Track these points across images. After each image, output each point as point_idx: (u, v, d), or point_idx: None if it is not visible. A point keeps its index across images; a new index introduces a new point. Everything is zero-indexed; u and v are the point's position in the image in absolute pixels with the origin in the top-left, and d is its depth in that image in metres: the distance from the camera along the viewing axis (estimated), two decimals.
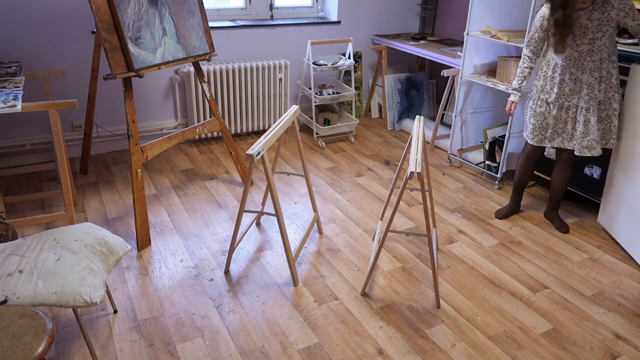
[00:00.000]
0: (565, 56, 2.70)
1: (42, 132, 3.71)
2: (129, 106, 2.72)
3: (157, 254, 2.79)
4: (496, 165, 3.68)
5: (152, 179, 3.63)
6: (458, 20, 4.52)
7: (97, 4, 2.56)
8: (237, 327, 2.28)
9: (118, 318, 2.32)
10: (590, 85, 2.70)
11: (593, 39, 2.60)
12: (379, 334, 2.27)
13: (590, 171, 3.21)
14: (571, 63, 2.70)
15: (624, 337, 2.30)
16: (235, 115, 4.24)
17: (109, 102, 3.86)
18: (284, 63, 4.25)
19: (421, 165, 2.16)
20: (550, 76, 2.79)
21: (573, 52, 2.66)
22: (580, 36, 2.61)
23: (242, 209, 2.51)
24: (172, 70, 4.01)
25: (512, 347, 2.22)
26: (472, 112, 3.90)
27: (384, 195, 3.49)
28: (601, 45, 2.62)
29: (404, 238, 3.00)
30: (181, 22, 3.01)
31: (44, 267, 1.86)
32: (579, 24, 2.59)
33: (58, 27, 3.53)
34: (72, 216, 2.82)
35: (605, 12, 2.56)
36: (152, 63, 2.80)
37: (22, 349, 1.50)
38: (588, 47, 2.63)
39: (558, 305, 2.48)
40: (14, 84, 2.77)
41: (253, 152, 2.27)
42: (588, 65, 2.67)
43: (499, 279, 2.66)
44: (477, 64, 3.75)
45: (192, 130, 3.21)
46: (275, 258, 2.78)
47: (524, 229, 3.13)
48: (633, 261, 2.82)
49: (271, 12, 4.40)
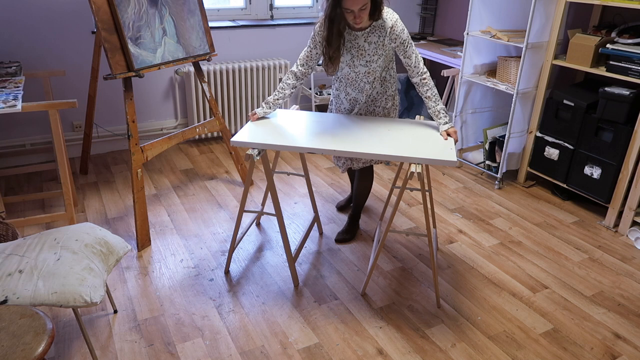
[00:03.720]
0: (343, 75, 2.57)
1: (42, 132, 3.71)
2: (129, 106, 2.72)
3: (157, 254, 2.79)
4: (496, 165, 3.68)
5: (152, 179, 3.63)
6: (458, 20, 4.52)
7: (97, 4, 2.56)
8: (237, 327, 2.28)
9: (118, 318, 2.32)
10: (367, 102, 2.61)
11: (369, 62, 2.46)
12: (379, 334, 2.27)
13: (590, 171, 3.21)
14: (348, 82, 2.58)
15: (624, 337, 2.30)
16: (235, 115, 4.24)
17: (109, 102, 3.86)
18: (284, 63, 4.25)
19: (421, 166, 2.16)
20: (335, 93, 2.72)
21: (350, 72, 2.53)
22: (358, 57, 2.46)
23: (242, 208, 2.51)
24: (172, 70, 4.01)
25: (512, 347, 2.22)
26: (472, 112, 3.90)
27: (384, 195, 3.49)
28: (376, 67, 2.48)
29: (404, 238, 3.00)
30: (181, 22, 3.01)
31: (44, 267, 1.86)
32: (356, 45, 2.44)
33: (58, 27, 3.53)
34: (72, 216, 2.82)
35: (380, 36, 2.39)
36: (152, 63, 2.80)
37: (22, 349, 1.50)
38: (365, 68, 2.49)
39: (558, 305, 2.48)
40: (14, 84, 2.77)
41: (254, 152, 2.27)
42: (364, 87, 2.55)
43: (499, 279, 2.66)
44: (477, 64, 3.75)
45: (192, 130, 3.21)
46: (275, 258, 2.78)
47: (524, 229, 3.13)
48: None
49: (271, 12, 4.39)
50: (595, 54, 3.05)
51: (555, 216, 3.29)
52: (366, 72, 2.50)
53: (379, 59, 2.46)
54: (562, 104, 3.29)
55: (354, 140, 2.33)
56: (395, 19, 2.37)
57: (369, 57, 2.45)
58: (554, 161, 3.43)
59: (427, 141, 2.35)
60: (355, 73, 2.52)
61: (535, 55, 3.32)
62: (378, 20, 2.36)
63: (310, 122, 2.57)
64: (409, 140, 2.35)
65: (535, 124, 3.50)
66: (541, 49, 3.31)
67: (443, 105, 2.47)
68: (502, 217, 3.26)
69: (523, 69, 3.30)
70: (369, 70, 2.49)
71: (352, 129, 2.46)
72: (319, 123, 2.55)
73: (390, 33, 2.37)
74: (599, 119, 3.10)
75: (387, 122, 2.55)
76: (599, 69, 3.06)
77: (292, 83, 2.57)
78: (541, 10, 3.17)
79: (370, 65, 2.47)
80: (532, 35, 3.21)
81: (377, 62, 2.47)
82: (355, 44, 2.44)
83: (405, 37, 2.38)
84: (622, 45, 2.94)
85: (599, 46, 3.04)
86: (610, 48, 2.96)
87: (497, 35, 3.43)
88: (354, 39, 2.43)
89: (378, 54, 2.44)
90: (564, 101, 3.28)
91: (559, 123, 3.35)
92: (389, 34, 2.37)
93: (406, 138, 2.37)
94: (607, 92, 3.02)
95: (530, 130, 3.57)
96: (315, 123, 2.55)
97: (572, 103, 3.24)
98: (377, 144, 2.28)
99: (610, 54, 2.96)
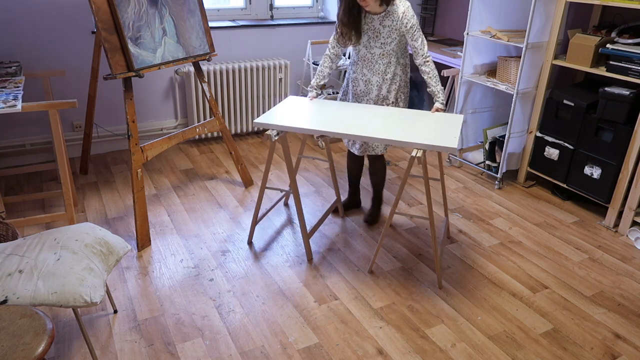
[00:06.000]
0: (360, 57, 2.80)
1: (42, 132, 3.71)
2: (129, 106, 2.72)
3: (157, 254, 2.79)
4: (496, 165, 3.68)
5: (152, 179, 3.63)
6: (458, 20, 4.52)
7: (97, 4, 2.56)
8: (237, 327, 2.28)
9: (118, 318, 2.32)
10: (379, 86, 2.80)
11: (384, 44, 2.71)
12: (379, 334, 2.27)
13: (590, 171, 3.21)
14: (365, 63, 2.80)
15: (624, 337, 2.30)
16: (235, 115, 4.24)
17: (109, 102, 3.86)
18: (284, 63, 4.25)
19: (422, 152, 2.27)
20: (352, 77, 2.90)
21: (367, 53, 2.77)
22: (374, 39, 2.71)
23: (264, 185, 2.75)
24: (172, 70, 4.01)
25: (512, 347, 2.22)
26: (472, 112, 3.90)
27: (384, 195, 3.49)
28: (390, 50, 2.72)
29: (404, 238, 3.00)
30: (181, 22, 3.01)
31: (44, 267, 1.86)
32: (373, 28, 2.69)
33: (58, 27, 3.53)
34: (72, 216, 2.82)
35: (394, 21, 2.65)
36: (152, 63, 2.80)
37: (22, 349, 1.50)
38: (379, 50, 2.73)
39: (558, 305, 2.48)
40: (14, 84, 2.77)
41: (272, 132, 2.44)
42: (379, 68, 2.77)
43: (499, 279, 2.66)
44: (477, 64, 3.75)
45: (192, 130, 3.21)
46: (275, 258, 2.78)
47: (524, 229, 3.13)
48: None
49: (271, 12, 4.40)
50: (595, 54, 3.05)
51: (555, 216, 3.29)
52: (381, 53, 2.73)
53: (392, 42, 2.70)
54: (562, 104, 3.30)
55: (362, 125, 2.51)
56: (407, 6, 2.66)
57: (383, 40, 2.70)
58: (554, 161, 3.43)
59: (432, 129, 2.48)
60: (371, 54, 2.76)
61: (535, 55, 3.32)
62: (392, 6, 2.64)
63: (329, 109, 2.76)
64: (416, 127, 2.48)
65: (535, 124, 3.50)
66: (541, 49, 3.32)
67: (442, 87, 2.74)
68: (502, 217, 3.26)
69: (523, 69, 3.31)
70: (383, 52, 2.73)
71: (363, 115, 2.65)
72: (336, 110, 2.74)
73: (402, 18, 2.64)
74: (599, 119, 3.10)
75: (400, 111, 2.74)
76: (599, 69, 3.06)
77: (328, 65, 2.89)
78: (541, 10, 3.17)
79: (384, 47, 2.72)
80: (532, 35, 3.21)
81: (390, 44, 2.71)
82: (372, 27, 2.70)
83: (414, 22, 2.66)
84: (622, 45, 2.94)
85: (599, 46, 3.04)
86: (610, 48, 2.96)
87: (497, 35, 3.43)
88: (370, 22, 2.69)
89: (392, 37, 2.69)
90: (564, 101, 3.28)
91: (559, 123, 3.35)
92: (400, 18, 2.64)
93: (414, 126, 2.51)
94: (607, 92, 3.02)
95: (530, 130, 3.57)
96: (333, 110, 2.74)
97: (572, 103, 3.24)
98: (381, 130, 2.45)
99: (610, 54, 2.96)
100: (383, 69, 2.76)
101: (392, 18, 2.64)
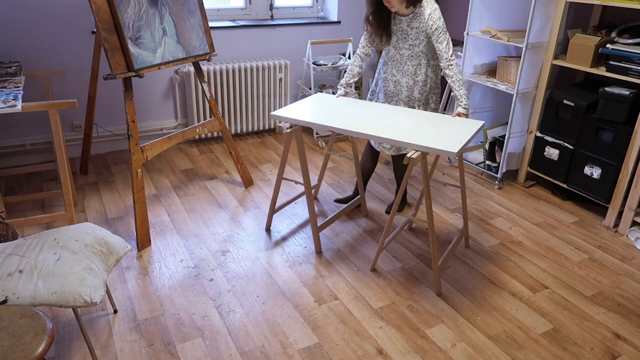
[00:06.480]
0: (389, 57, 2.85)
1: (42, 132, 3.71)
2: (129, 106, 2.72)
3: (157, 254, 2.79)
4: (496, 165, 3.68)
5: (152, 179, 3.63)
6: (458, 20, 4.52)
7: (97, 4, 2.56)
8: (237, 327, 2.28)
9: (118, 318, 2.32)
10: (410, 88, 2.84)
11: (412, 45, 2.75)
12: (379, 334, 2.27)
13: (590, 171, 3.21)
14: (394, 64, 2.84)
15: (624, 337, 2.30)
16: (235, 115, 4.24)
17: (109, 102, 3.86)
18: (284, 63, 4.25)
19: (419, 153, 2.27)
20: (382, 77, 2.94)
21: (396, 54, 2.81)
22: (402, 40, 2.76)
23: (281, 175, 2.82)
24: (172, 70, 4.01)
25: (512, 347, 2.22)
26: (472, 112, 3.90)
27: (385, 195, 3.49)
28: (419, 52, 2.77)
29: (404, 238, 3.00)
30: (181, 22, 3.01)
31: (44, 267, 1.86)
32: (401, 29, 2.74)
33: (58, 27, 3.53)
34: (72, 216, 2.82)
35: (421, 23, 2.70)
36: (152, 63, 2.80)
37: (22, 349, 1.50)
38: (408, 52, 2.77)
39: (558, 305, 2.48)
40: (14, 84, 2.77)
41: (285, 125, 2.48)
42: (408, 69, 2.80)
43: (499, 279, 2.66)
44: (477, 64, 3.75)
45: (192, 130, 3.21)
46: (275, 258, 2.78)
47: (524, 229, 3.13)
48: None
49: (271, 12, 4.40)
50: (595, 54, 3.05)
51: (555, 216, 3.29)
52: (409, 55, 2.79)
53: (420, 44, 2.75)
54: (562, 104, 3.30)
55: (369, 124, 2.51)
56: (434, 8, 2.67)
57: (411, 41, 2.75)
58: (554, 161, 3.43)
59: (443, 133, 2.43)
60: (400, 55, 2.81)
61: (535, 55, 3.32)
62: (420, 8, 2.67)
63: (349, 108, 2.76)
64: (427, 130, 2.45)
65: (535, 124, 3.50)
66: (541, 49, 3.32)
67: (466, 91, 2.72)
68: (502, 217, 3.26)
69: (523, 69, 3.31)
70: (412, 53, 2.78)
71: (379, 115, 2.65)
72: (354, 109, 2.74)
73: (428, 20, 2.67)
74: (599, 119, 3.11)
75: (419, 113, 2.70)
76: (599, 69, 3.06)
77: (358, 64, 2.94)
78: (541, 10, 3.17)
79: (413, 48, 2.77)
80: (532, 35, 3.21)
81: (419, 46, 2.76)
82: (400, 28, 2.75)
83: (440, 24, 2.66)
84: (622, 45, 2.94)
85: (599, 46, 3.04)
86: (610, 48, 2.96)
87: (497, 35, 3.43)
88: (399, 23, 2.75)
89: (420, 39, 2.74)
90: (564, 101, 3.28)
91: (559, 123, 3.35)
92: (426, 20, 2.67)
93: (425, 128, 2.48)
94: (607, 92, 3.02)
95: (530, 130, 3.57)
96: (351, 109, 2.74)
97: (572, 103, 3.24)
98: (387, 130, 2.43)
99: (610, 54, 2.96)
100: (413, 70, 2.80)
101: (419, 20, 2.68)
